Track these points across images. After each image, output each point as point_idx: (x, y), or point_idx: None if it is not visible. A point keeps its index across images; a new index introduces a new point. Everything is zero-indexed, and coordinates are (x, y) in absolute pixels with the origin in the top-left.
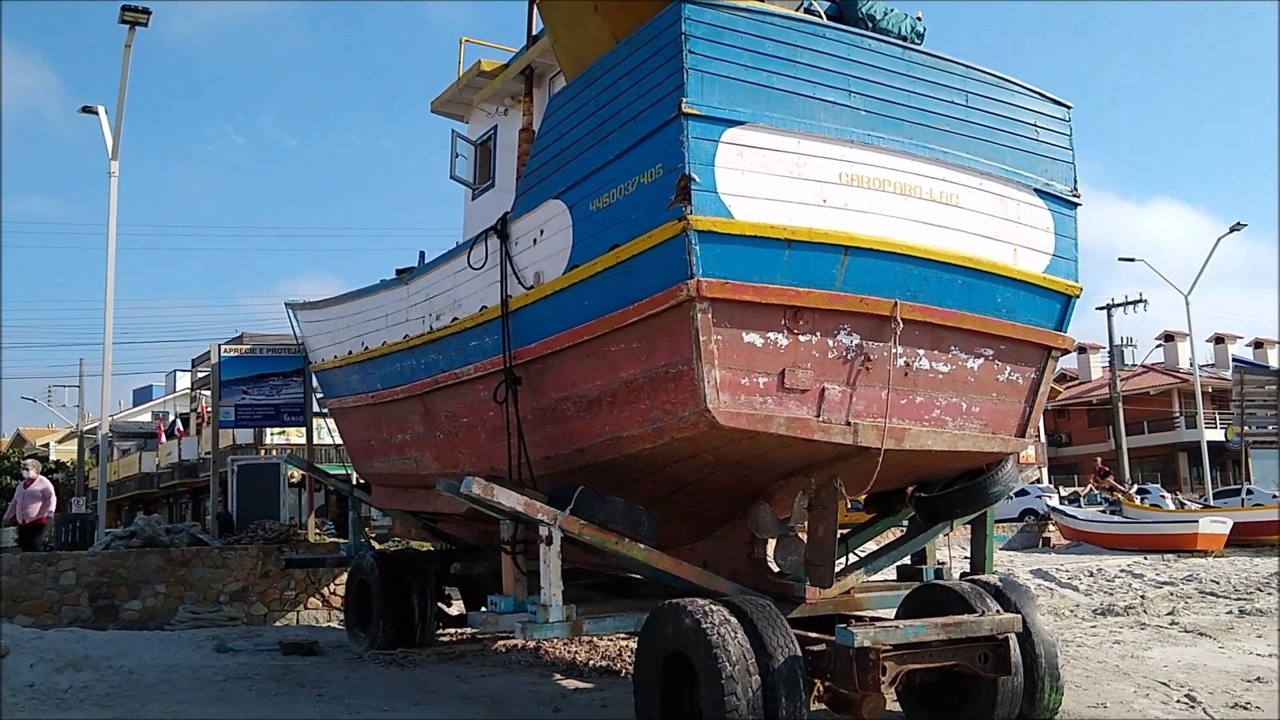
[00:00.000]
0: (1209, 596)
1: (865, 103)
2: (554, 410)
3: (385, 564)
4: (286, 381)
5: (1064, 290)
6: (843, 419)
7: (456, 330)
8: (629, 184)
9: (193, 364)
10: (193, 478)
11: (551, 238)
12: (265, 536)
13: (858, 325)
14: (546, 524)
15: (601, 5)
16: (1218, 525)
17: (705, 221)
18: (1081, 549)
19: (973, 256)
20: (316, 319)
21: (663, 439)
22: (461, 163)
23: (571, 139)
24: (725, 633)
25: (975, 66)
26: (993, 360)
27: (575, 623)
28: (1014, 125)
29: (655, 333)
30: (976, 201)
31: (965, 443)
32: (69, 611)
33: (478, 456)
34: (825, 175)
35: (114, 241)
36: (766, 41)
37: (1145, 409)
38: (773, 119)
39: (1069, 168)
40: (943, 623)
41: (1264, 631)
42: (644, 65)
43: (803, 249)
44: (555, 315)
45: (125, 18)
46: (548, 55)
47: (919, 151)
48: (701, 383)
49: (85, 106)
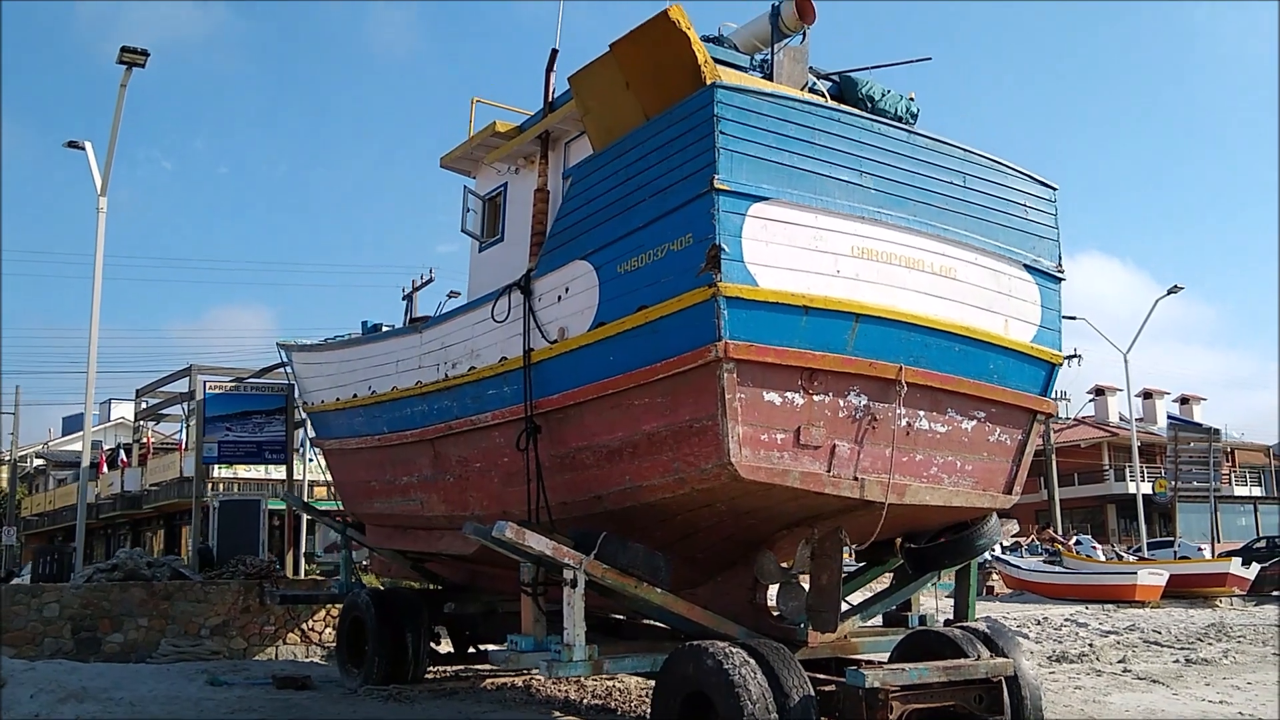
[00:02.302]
0: (1154, 645)
1: (875, 181)
2: (573, 459)
3: (381, 602)
4: (269, 419)
5: (1049, 359)
6: (851, 474)
7: (474, 379)
8: (658, 250)
9: (136, 394)
10: (135, 509)
11: (577, 295)
12: (246, 572)
13: (866, 387)
14: (572, 568)
15: (633, 83)
16: (1155, 577)
17: (733, 288)
18: (1025, 598)
19: (969, 326)
20: (315, 361)
21: (683, 489)
22: (471, 216)
23: (600, 204)
24: (746, 673)
25: (972, 150)
26: (985, 422)
27: (597, 661)
28: (1006, 205)
29: (681, 389)
30: (972, 275)
31: (959, 498)
32: (51, 643)
33: (489, 500)
34: (839, 248)
35: (100, 276)
36: (788, 124)
37: (1076, 461)
38: (793, 195)
39: (1054, 245)
40: (943, 666)
41: (1211, 679)
42: (676, 141)
43: (818, 315)
44: (579, 369)
45: (124, 59)
46: (565, 122)
47: (922, 228)
48: (726, 437)
49: (70, 141)
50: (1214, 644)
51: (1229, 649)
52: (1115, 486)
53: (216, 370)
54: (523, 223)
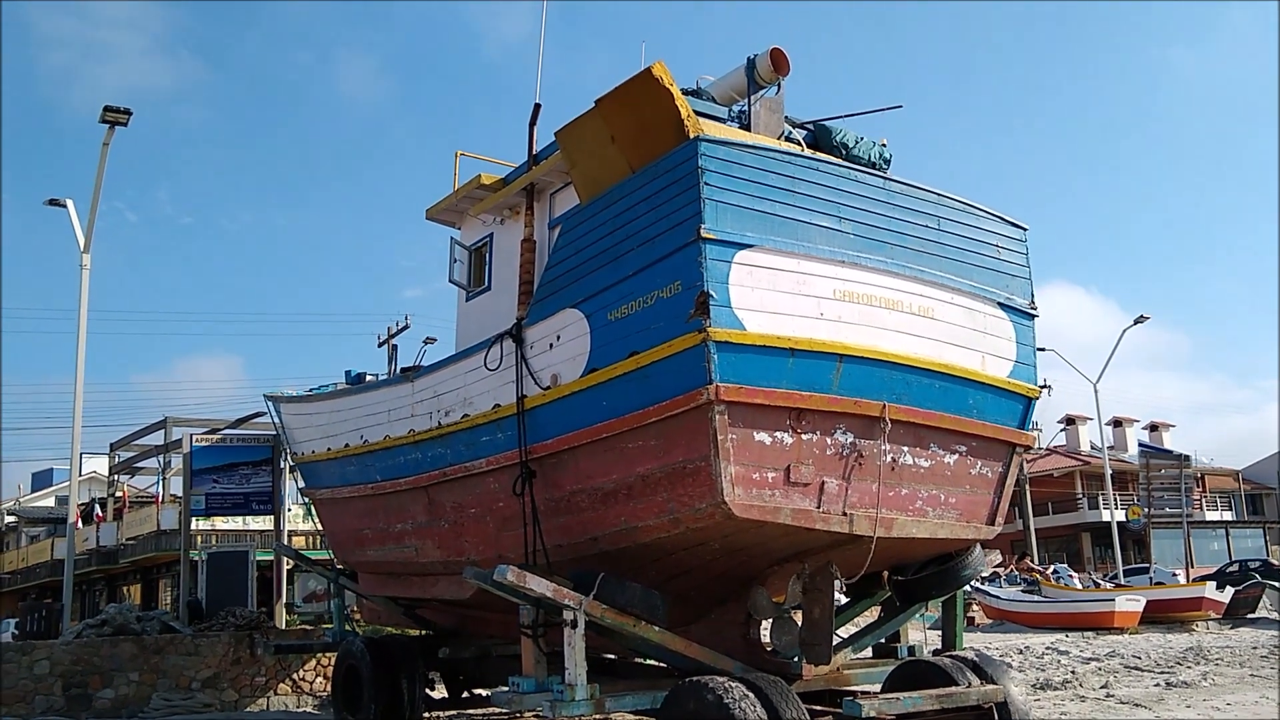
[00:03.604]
0: (1134, 671)
1: (854, 227)
2: (568, 501)
3: (376, 649)
4: (255, 471)
5: (1025, 393)
6: (840, 509)
7: (467, 426)
8: (647, 298)
9: (111, 447)
10: (111, 564)
11: (569, 343)
12: (236, 624)
13: (852, 425)
14: (572, 608)
15: (618, 137)
16: (1132, 604)
17: (722, 333)
18: (1005, 628)
19: (947, 363)
20: (304, 412)
21: (678, 529)
22: (458, 267)
23: (588, 255)
24: (746, 706)
25: (945, 194)
26: (966, 456)
27: (599, 700)
28: (979, 246)
29: (674, 432)
30: (949, 314)
31: (944, 530)
32: (42, 701)
33: (485, 545)
34: (822, 292)
35: (84, 331)
36: (769, 174)
37: (1049, 490)
38: (777, 242)
39: (1026, 283)
40: (936, 694)
41: (1192, 702)
42: (663, 193)
43: (804, 357)
44: (572, 414)
45: (106, 118)
46: (549, 174)
47: (900, 270)
48: (719, 478)
49: (52, 200)
50: (1193, 667)
51: (1208, 671)
52: (1089, 515)
53: (192, 422)
54: (509, 272)
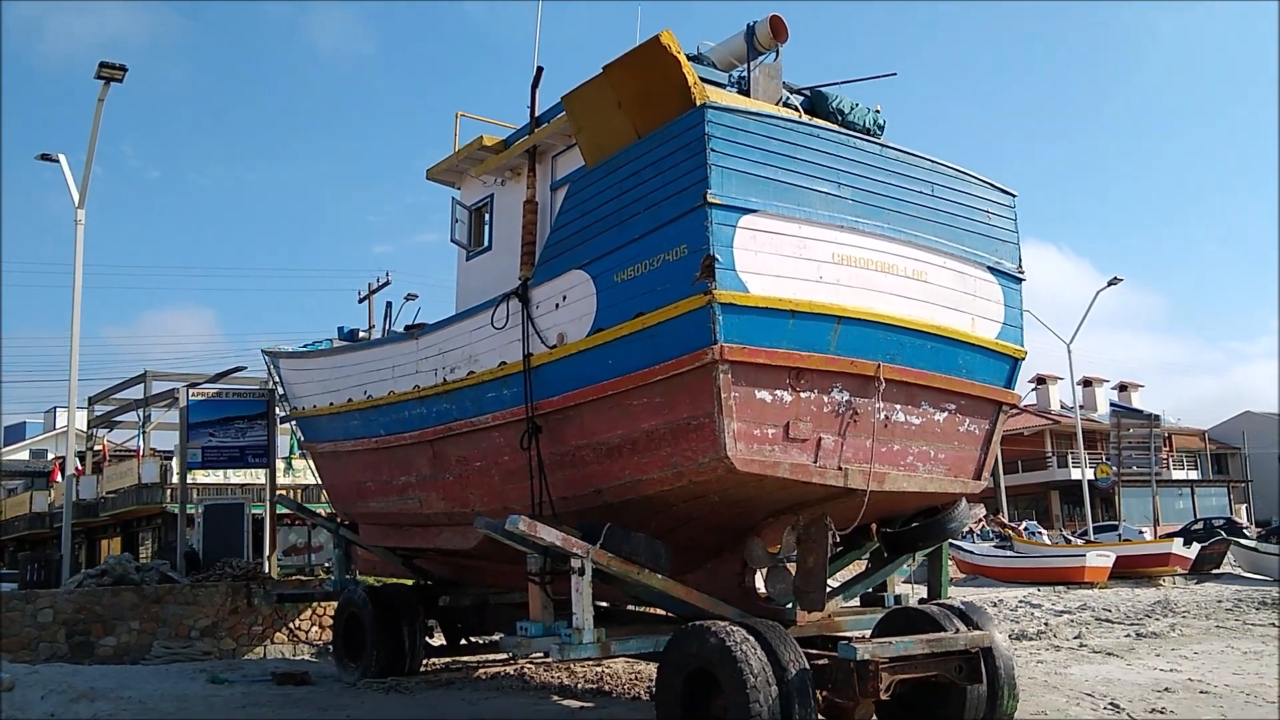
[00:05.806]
0: (1105, 623)
1: (852, 193)
2: (573, 456)
3: (377, 598)
4: (251, 425)
5: (1012, 354)
6: (835, 464)
7: (473, 383)
8: (654, 260)
9: (89, 401)
10: (91, 517)
11: (575, 303)
12: (233, 574)
13: (848, 384)
14: (580, 556)
15: (625, 103)
16: (1102, 559)
17: (727, 295)
18: (979, 582)
19: (939, 325)
20: (306, 368)
21: (681, 482)
22: (459, 227)
23: (594, 218)
24: (747, 649)
25: (939, 161)
26: (955, 414)
27: (605, 644)
28: (970, 211)
29: (678, 389)
30: (941, 278)
31: (933, 485)
32: (46, 648)
33: (490, 497)
34: (821, 255)
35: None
36: (773, 141)
37: (1020, 449)
38: (779, 207)
39: (1015, 248)
40: (927, 639)
41: (1161, 651)
42: (669, 158)
43: (804, 319)
44: (578, 372)
45: (101, 74)
46: (552, 136)
47: (895, 235)
48: (722, 433)
49: (44, 154)
50: (1161, 619)
51: (1175, 623)
52: (1058, 473)
53: (171, 376)
54: (510, 233)
